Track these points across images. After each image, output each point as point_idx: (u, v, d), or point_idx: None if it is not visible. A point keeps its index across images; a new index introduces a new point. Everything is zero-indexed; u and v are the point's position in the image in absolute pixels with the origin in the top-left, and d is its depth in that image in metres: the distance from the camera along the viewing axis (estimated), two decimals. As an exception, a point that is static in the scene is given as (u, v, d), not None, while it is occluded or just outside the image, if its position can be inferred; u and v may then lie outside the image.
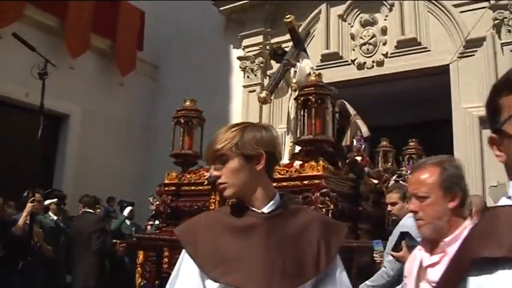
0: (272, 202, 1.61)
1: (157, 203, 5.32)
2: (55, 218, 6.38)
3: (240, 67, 9.68)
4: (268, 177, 1.63)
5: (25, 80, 8.06)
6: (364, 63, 8.15)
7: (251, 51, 9.61)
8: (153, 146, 10.34)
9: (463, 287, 0.95)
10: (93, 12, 9.64)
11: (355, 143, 5.52)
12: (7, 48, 7.99)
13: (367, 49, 8.14)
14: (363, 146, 5.54)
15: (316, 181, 3.97)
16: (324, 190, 3.88)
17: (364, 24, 8.26)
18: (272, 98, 5.70)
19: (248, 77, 9.59)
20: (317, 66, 8.58)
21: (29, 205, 4.95)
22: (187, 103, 5.65)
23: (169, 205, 5.04)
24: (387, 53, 7.95)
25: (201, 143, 5.48)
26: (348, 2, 8.45)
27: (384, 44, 8.03)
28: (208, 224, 1.61)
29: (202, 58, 10.33)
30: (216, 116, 9.59)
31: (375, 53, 8.10)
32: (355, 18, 8.41)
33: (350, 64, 8.33)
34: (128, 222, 7.68)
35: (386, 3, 8.07)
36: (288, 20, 5.90)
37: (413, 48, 7.69)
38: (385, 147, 6.57)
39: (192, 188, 5.02)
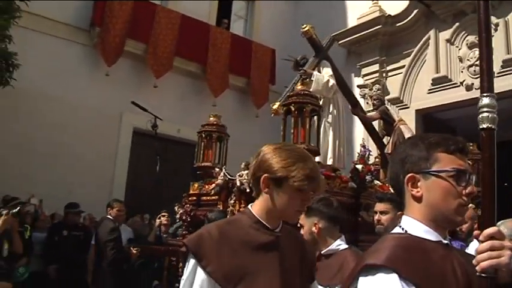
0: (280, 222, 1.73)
1: (180, 211, 5.51)
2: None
3: (360, 94, 10.30)
4: None
5: (176, 119, 9.90)
6: (472, 84, 8.36)
7: (369, 79, 10.26)
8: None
9: (355, 284, 1.26)
10: (230, 55, 11.19)
11: (359, 151, 5.39)
12: (162, 95, 9.89)
13: (474, 70, 8.32)
14: (367, 153, 5.44)
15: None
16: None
17: (471, 46, 8.47)
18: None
19: (368, 103, 10.13)
20: (429, 90, 9.06)
21: (157, 221, 6.42)
22: (211, 118, 5.88)
23: (189, 214, 5.32)
24: (494, 72, 8.09)
25: (224, 155, 5.91)
26: (455, 26, 8.76)
27: (491, 64, 8.18)
28: (222, 238, 1.61)
29: (328, 87, 11.25)
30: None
31: (482, 74, 8.27)
32: (462, 41, 8.66)
33: (459, 86, 8.59)
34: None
35: (491, 24, 8.24)
36: (304, 29, 5.75)
37: (519, 66, 7.77)
38: None
39: (207, 198, 5.29)
